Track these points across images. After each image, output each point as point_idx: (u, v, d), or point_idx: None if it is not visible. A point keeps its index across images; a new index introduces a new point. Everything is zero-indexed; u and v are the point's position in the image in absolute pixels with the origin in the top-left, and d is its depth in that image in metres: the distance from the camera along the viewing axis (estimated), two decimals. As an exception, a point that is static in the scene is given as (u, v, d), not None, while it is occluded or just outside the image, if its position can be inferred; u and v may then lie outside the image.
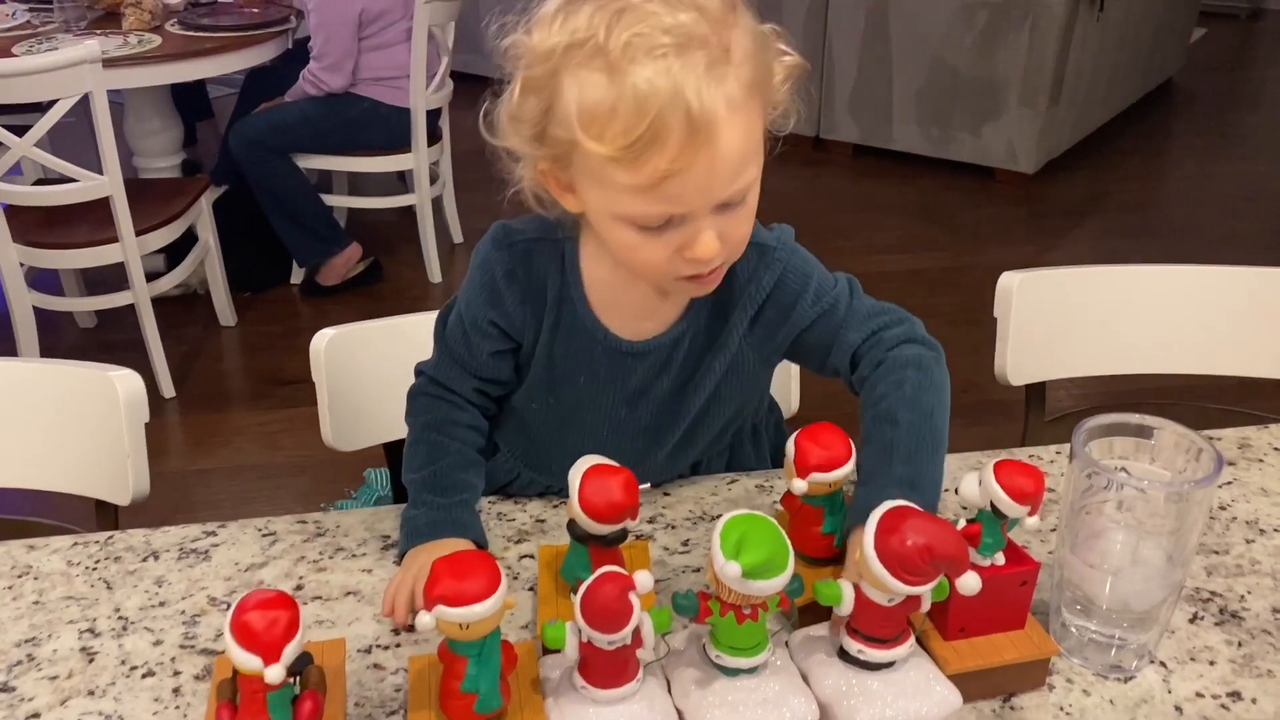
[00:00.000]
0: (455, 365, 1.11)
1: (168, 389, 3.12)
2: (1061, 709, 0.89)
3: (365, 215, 4.08)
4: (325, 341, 1.31)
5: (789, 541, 0.81)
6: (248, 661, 0.75)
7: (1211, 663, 0.94)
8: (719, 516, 1.11)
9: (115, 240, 2.90)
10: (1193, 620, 0.98)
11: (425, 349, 1.16)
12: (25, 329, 2.94)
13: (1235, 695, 0.90)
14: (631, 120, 0.83)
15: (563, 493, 1.17)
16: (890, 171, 4.65)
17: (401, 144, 3.48)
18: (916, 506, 0.83)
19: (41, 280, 3.15)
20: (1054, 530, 1.05)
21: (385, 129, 3.44)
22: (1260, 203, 4.45)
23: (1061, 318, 1.52)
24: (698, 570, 1.05)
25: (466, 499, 1.08)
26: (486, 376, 1.12)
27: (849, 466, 0.94)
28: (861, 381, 1.06)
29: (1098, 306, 1.53)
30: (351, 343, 1.34)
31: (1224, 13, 7.43)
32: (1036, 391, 1.60)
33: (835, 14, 4.59)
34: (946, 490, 1.15)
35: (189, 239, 3.22)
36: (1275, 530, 1.10)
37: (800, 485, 0.93)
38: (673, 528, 1.11)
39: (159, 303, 3.12)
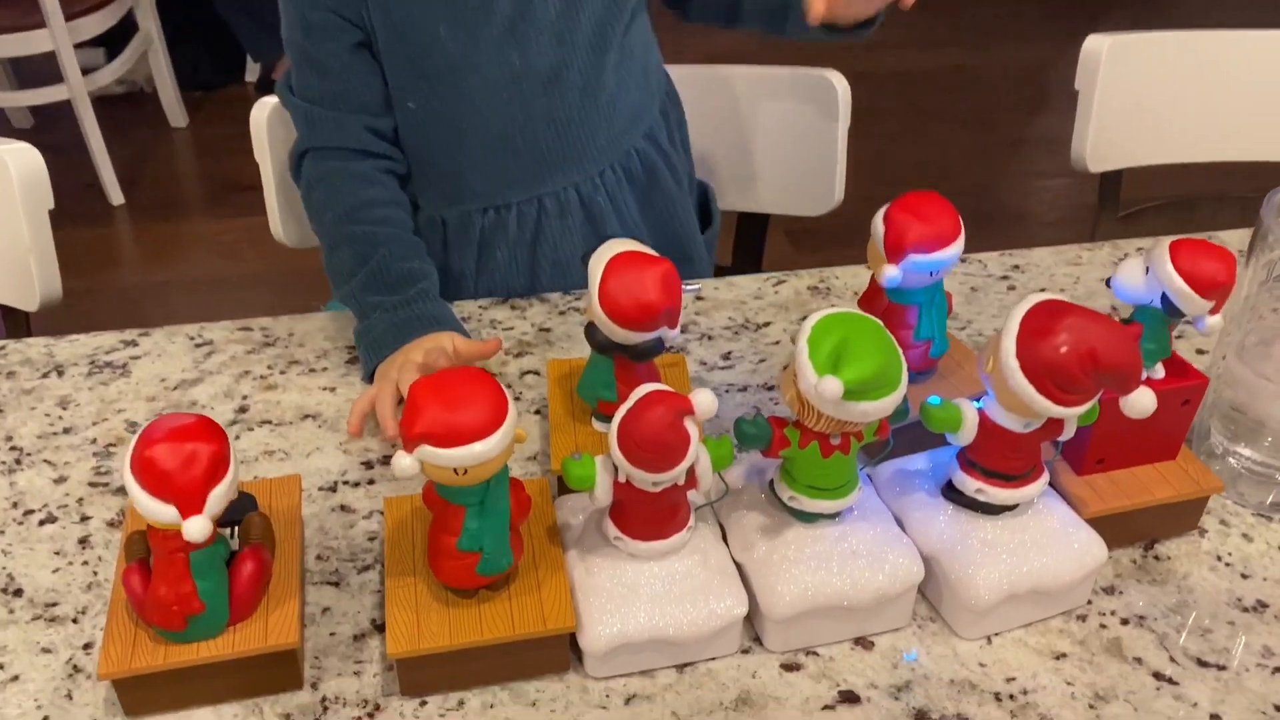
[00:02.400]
0: (326, 112, 0.91)
1: (116, 195, 2.87)
2: (1218, 558, 0.70)
3: (325, 6, 3.73)
4: (266, 112, 1.06)
5: (899, 350, 0.59)
6: (159, 512, 0.54)
7: (1396, 500, 0.74)
8: (766, 325, 0.91)
9: (42, 25, 2.59)
10: (1367, 448, 0.79)
11: None
12: (-51, 126, 2.65)
13: None
14: None
15: (509, 239, 0.97)
16: (897, -38, 4.29)
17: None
18: (1061, 299, 0.61)
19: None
20: (1179, 337, 0.85)
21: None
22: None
23: (1153, 93, 1.28)
24: (744, 390, 0.84)
25: (424, 288, 0.86)
26: (365, 101, 0.91)
27: (958, 246, 0.71)
28: None
29: (1196, 79, 1.29)
30: (304, 114, 1.09)
31: None
32: (1110, 183, 1.37)
33: None
34: (1063, 291, 0.93)
35: (129, 29, 2.89)
36: None
37: (892, 273, 0.70)
38: (709, 338, 0.89)
39: (102, 102, 2.84)
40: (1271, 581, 0.69)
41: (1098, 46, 1.23)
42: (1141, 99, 1.27)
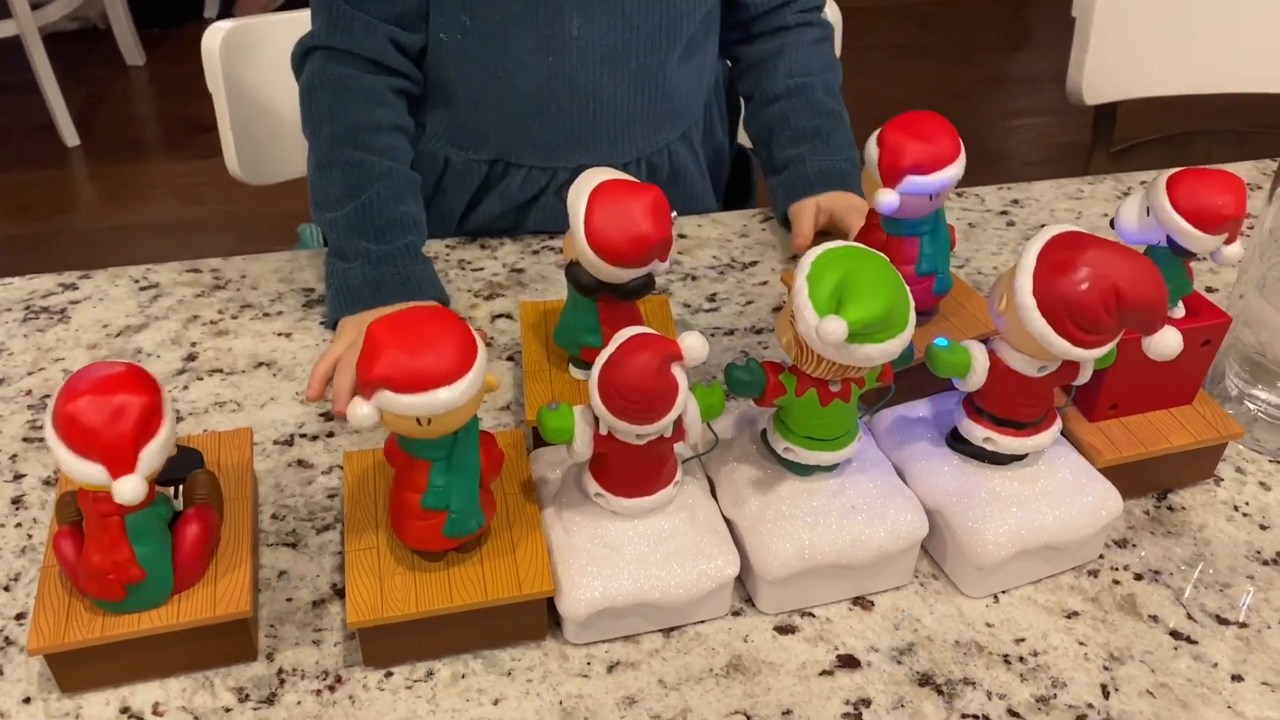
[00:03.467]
0: (351, 10, 0.82)
1: (70, 137, 2.77)
2: (1235, 508, 0.66)
3: (286, -62, 3.60)
4: (220, 38, 0.99)
5: (907, 287, 0.54)
6: (86, 473, 0.48)
7: None
8: (754, 264, 0.86)
9: (-13, -44, 2.48)
10: (1386, 390, 0.75)
11: None
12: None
13: None
14: None
15: (508, 196, 0.91)
16: (876, -106, 4.18)
17: None
18: (1081, 231, 0.56)
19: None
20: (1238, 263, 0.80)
21: None
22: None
23: (1153, 20, 1.22)
24: (730, 334, 0.79)
25: (412, 242, 0.80)
26: (396, 11, 0.82)
27: (959, 166, 0.66)
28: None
29: (1197, 8, 1.23)
30: (256, 41, 1.02)
31: None
32: (1106, 115, 1.32)
33: None
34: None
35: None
36: None
37: (889, 197, 0.65)
38: (693, 279, 0.84)
39: (54, 39, 2.74)
40: (1292, 532, 0.65)
41: (1096, -30, 1.17)
42: (1141, 27, 1.21)
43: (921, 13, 3.45)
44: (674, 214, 0.64)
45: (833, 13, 1.08)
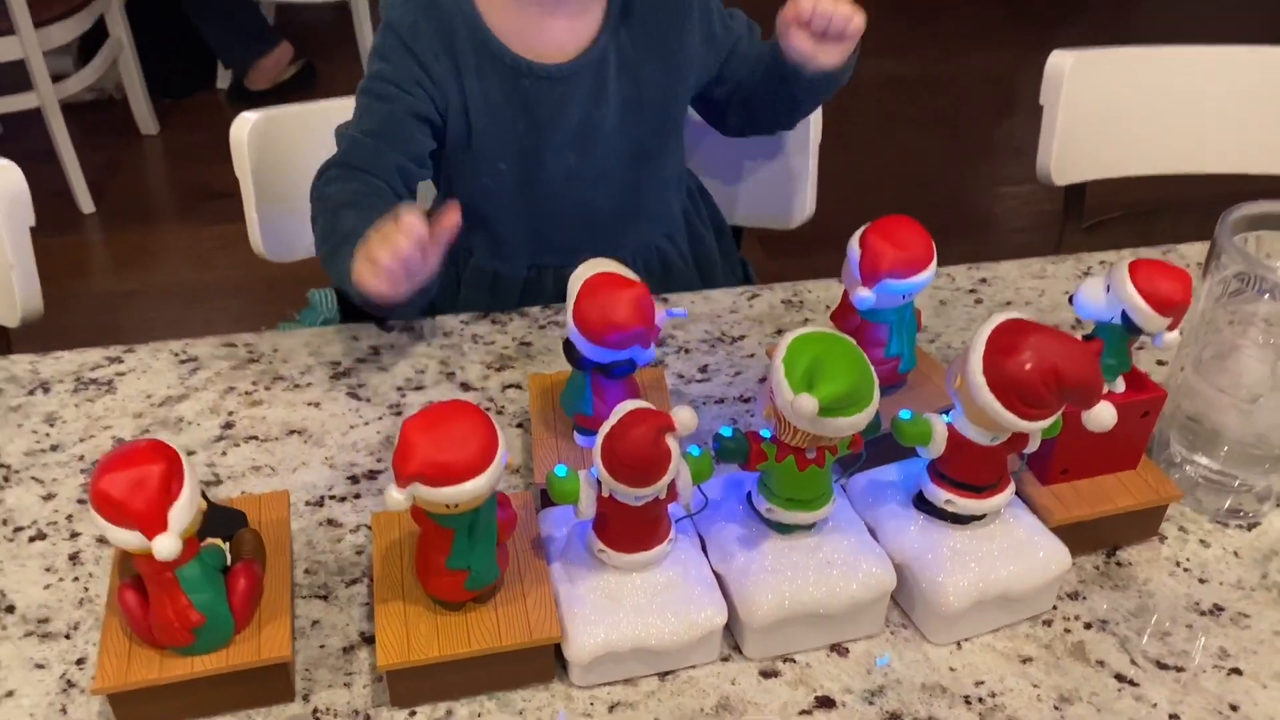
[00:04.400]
0: (371, 141, 0.94)
1: (86, 204, 2.85)
2: (1177, 564, 0.73)
3: (295, 12, 3.70)
4: (249, 128, 1.07)
5: (871, 367, 0.61)
6: (127, 539, 0.56)
7: (1347, 505, 0.78)
8: (742, 338, 0.93)
9: (11, 32, 2.57)
10: (1318, 455, 0.82)
11: None
12: (-85, 135, 2.63)
13: (1380, 544, 0.75)
14: None
15: (545, 292, 1.04)
16: (866, -31, 4.33)
17: (333, -74, 3.12)
18: (1025, 318, 0.63)
19: (-68, 83, 2.82)
20: (1142, 348, 0.88)
21: (315, -89, 3.07)
22: (1248, 11, 4.21)
23: (1115, 108, 1.31)
24: (720, 402, 0.86)
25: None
26: (408, 151, 0.96)
27: (930, 271, 0.74)
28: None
29: (1159, 93, 1.32)
30: (281, 131, 1.11)
31: None
32: (1075, 195, 1.40)
33: None
34: (1028, 304, 0.96)
35: (99, 35, 2.88)
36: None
37: (866, 295, 0.73)
38: (686, 352, 0.91)
39: (71, 109, 2.82)
40: (1227, 586, 0.72)
41: (1061, 62, 1.26)
42: (1104, 113, 1.30)
43: (910, 83, 3.56)
44: (678, 311, 0.73)
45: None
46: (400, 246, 0.74)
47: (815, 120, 1.18)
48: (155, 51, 3.18)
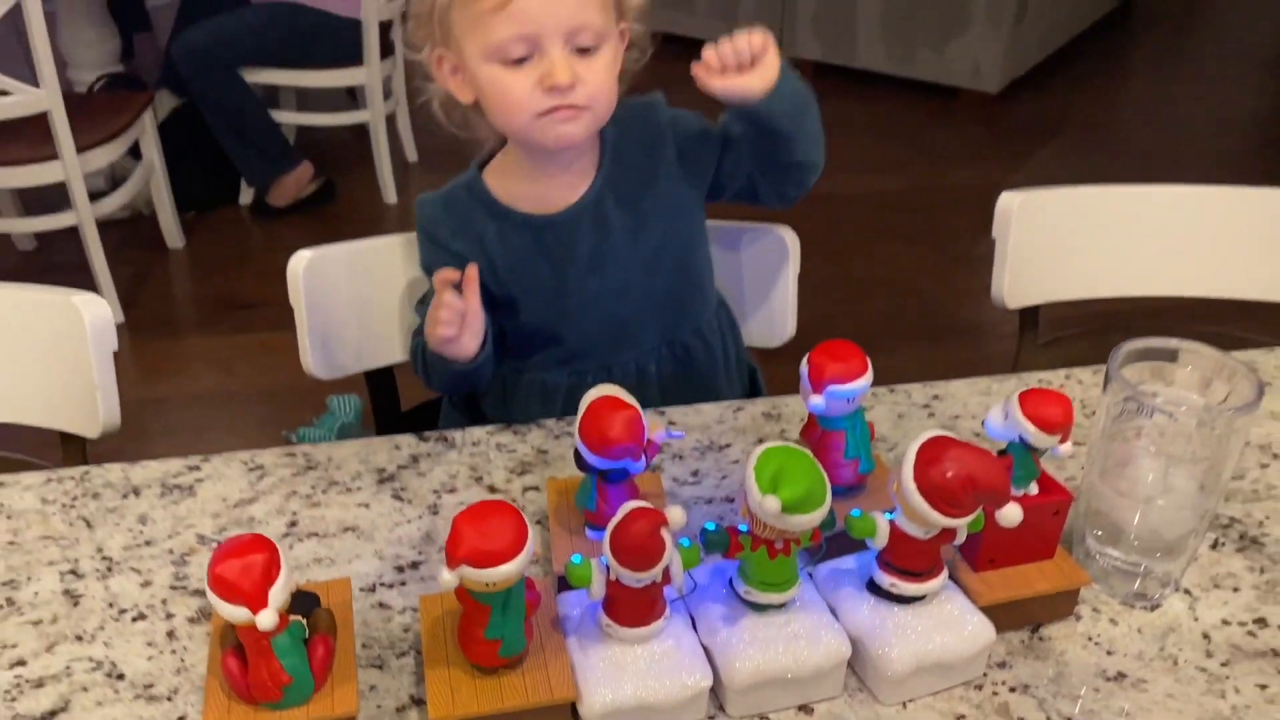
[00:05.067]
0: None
1: (116, 314, 3.00)
2: (1090, 639, 0.88)
3: (315, 133, 3.93)
4: (303, 264, 1.24)
5: (825, 474, 0.77)
6: (236, 614, 0.71)
7: (1235, 589, 0.92)
8: (728, 446, 1.09)
9: (55, 157, 2.77)
10: (1214, 546, 0.97)
11: (415, 271, 1.18)
12: (-39, 253, 2.81)
13: (1261, 622, 0.89)
14: None
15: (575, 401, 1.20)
16: (853, 90, 4.58)
17: (352, 58, 3.35)
18: (948, 435, 0.79)
19: (-24, 201, 3.02)
20: (1071, 457, 1.03)
21: (335, 42, 3.30)
22: (1220, 124, 4.46)
23: (1061, 239, 1.49)
24: (709, 502, 1.01)
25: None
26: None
27: (866, 379, 0.90)
28: None
29: (1098, 226, 1.50)
30: (329, 265, 1.28)
31: (1182, -70, 7.39)
32: (1029, 316, 1.57)
33: (798, -73, 4.48)
34: (974, 417, 1.12)
35: (131, 156, 3.09)
36: (1287, 454, 1.09)
37: (818, 401, 0.89)
38: (680, 458, 1.07)
39: (103, 225, 2.99)
40: (1130, 657, 0.86)
41: (1010, 202, 1.44)
42: (1049, 245, 1.48)
43: (895, 198, 3.77)
44: (668, 431, 0.89)
45: (789, 235, 1.35)
46: (452, 304, 1.07)
47: (794, 251, 1.35)
48: (182, 168, 3.37)
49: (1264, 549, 0.97)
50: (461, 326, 1.09)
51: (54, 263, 3.26)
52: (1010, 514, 0.77)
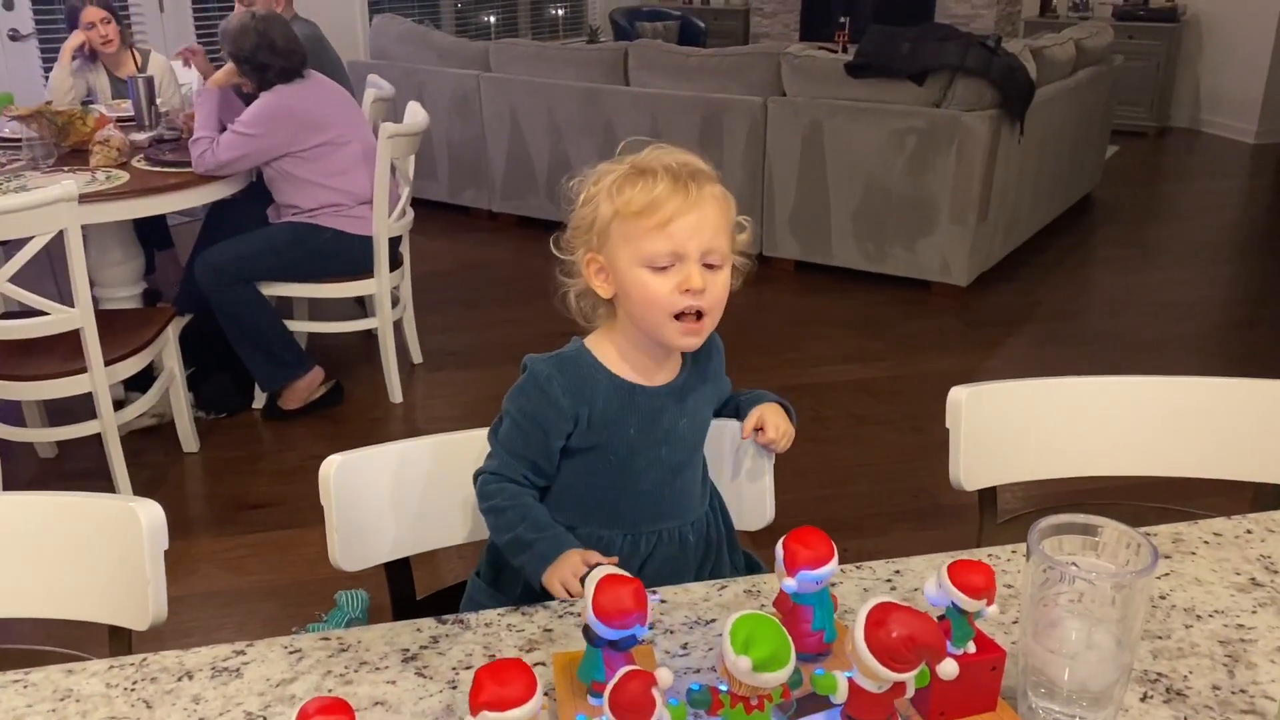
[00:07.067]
0: (512, 458, 1.40)
1: (136, 517, 3.13)
2: (1033, 782, 1.00)
3: (325, 338, 4.15)
4: (334, 468, 1.40)
5: (790, 637, 0.91)
6: None
7: (1162, 736, 1.05)
8: (713, 620, 1.23)
9: (84, 370, 2.95)
10: (1143, 699, 1.09)
11: (432, 471, 1.35)
12: (-11, 462, 2.96)
13: (1185, 765, 1.01)
14: (650, 182, 1.29)
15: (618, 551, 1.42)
16: (831, 286, 4.87)
17: (364, 270, 3.59)
18: (892, 601, 0.93)
19: (1, 411, 3.18)
20: (1015, 621, 1.17)
21: (348, 257, 3.56)
22: (1178, 309, 4.73)
23: (1009, 427, 1.66)
24: (698, 671, 1.14)
25: (558, 531, 1.37)
26: (541, 461, 1.40)
27: (833, 565, 1.05)
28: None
29: (1041, 415, 1.68)
30: (355, 468, 1.44)
31: (1134, 131, 7.92)
32: (988, 495, 1.73)
33: (774, 140, 4.85)
34: (916, 590, 1.26)
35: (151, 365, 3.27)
36: (1210, 615, 1.22)
37: (791, 583, 1.04)
38: (671, 632, 1.20)
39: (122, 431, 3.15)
40: (1069, 797, 0.98)
41: (959, 395, 1.62)
42: (998, 433, 1.65)
43: (876, 387, 3.97)
44: (654, 596, 1.03)
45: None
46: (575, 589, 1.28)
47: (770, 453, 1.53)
48: (198, 375, 3.56)
49: (1187, 700, 1.09)
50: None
51: (74, 469, 3.41)
52: (947, 668, 0.91)
